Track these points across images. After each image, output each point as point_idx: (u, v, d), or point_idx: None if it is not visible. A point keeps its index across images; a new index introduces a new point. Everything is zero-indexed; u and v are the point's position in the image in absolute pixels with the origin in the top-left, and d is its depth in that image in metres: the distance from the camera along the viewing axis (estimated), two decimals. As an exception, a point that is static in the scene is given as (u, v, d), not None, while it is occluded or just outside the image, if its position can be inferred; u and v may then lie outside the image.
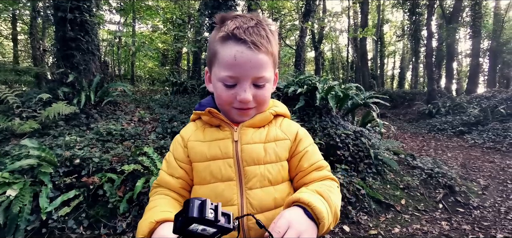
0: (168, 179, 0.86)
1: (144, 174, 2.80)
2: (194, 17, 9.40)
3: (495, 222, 3.24)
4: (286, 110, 0.93)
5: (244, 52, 0.74)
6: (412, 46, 18.58)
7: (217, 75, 0.79)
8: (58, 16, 4.32)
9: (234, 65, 0.75)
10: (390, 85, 24.77)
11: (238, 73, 0.75)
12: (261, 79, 0.78)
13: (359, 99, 5.09)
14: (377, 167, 4.01)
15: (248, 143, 0.82)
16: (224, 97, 0.79)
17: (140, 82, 12.66)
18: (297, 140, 0.88)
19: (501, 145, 7.15)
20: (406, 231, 3.00)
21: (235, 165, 0.80)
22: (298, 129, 0.90)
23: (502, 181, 4.70)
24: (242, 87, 0.77)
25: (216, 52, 0.78)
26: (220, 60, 0.77)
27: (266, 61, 0.77)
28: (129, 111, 4.79)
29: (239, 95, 0.77)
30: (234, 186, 0.79)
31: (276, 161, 0.83)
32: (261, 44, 0.75)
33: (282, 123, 0.90)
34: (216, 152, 0.81)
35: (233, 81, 0.77)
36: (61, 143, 3.08)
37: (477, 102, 11.44)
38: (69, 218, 2.44)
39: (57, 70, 4.39)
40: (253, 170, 0.80)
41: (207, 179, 0.81)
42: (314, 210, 0.67)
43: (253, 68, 0.76)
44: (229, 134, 0.83)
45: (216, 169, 0.80)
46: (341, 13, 17.73)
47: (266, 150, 0.82)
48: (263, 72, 0.77)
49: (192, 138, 0.87)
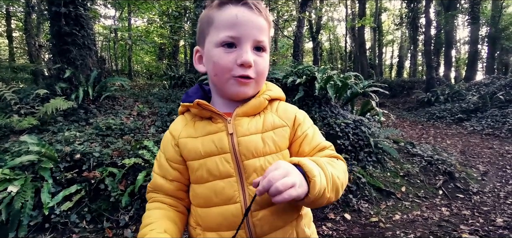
0: (162, 183, 0.82)
1: (145, 167, 2.80)
2: (191, 9, 9.31)
3: (494, 207, 3.27)
4: (280, 93, 0.87)
5: (246, 12, 0.72)
6: (410, 34, 18.51)
7: (214, 40, 0.74)
8: (53, 11, 4.26)
9: (235, 24, 0.72)
10: (389, 74, 24.74)
11: (240, 32, 0.72)
12: (262, 43, 0.75)
13: (358, 88, 5.08)
14: (377, 155, 4.02)
15: (244, 134, 0.75)
16: (223, 62, 0.73)
17: (138, 76, 12.61)
18: (295, 125, 0.82)
19: (500, 131, 7.19)
20: (407, 217, 3.03)
21: (233, 160, 0.74)
22: (296, 112, 0.84)
23: (501, 167, 4.74)
24: (243, 49, 0.72)
25: (211, 19, 0.75)
26: (218, 23, 0.73)
27: (265, 27, 0.76)
28: (127, 105, 4.77)
29: (240, 58, 0.72)
30: (234, 182, 0.74)
31: (276, 151, 0.77)
32: (261, 7, 0.75)
33: (278, 107, 0.83)
34: (211, 148, 0.75)
35: (234, 41, 0.72)
36: (61, 139, 3.07)
37: (476, 89, 11.46)
38: (72, 213, 2.45)
39: (54, 66, 4.35)
40: (252, 164, 0.74)
41: (204, 177, 0.76)
42: (303, 167, 0.63)
43: (255, 29, 0.73)
44: (222, 126, 0.76)
45: (213, 166, 0.75)
46: (339, 3, 17.60)
47: (265, 140, 0.76)
48: (263, 36, 0.75)
49: (183, 134, 0.80)
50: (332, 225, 2.81)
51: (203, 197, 0.77)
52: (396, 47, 25.50)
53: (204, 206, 0.77)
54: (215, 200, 0.75)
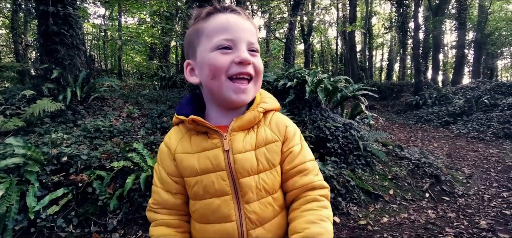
0: (167, 197, 0.81)
1: (134, 171, 2.77)
2: (182, 10, 9.25)
3: (478, 210, 3.36)
4: (275, 104, 0.85)
5: (236, 18, 0.75)
6: (399, 38, 18.80)
7: (209, 46, 0.73)
8: (40, 10, 4.18)
9: (228, 27, 0.73)
10: (379, 77, 25.07)
11: (234, 35, 0.73)
12: (254, 45, 0.76)
13: (348, 91, 5.14)
14: (366, 158, 4.08)
15: (240, 151, 0.75)
16: (220, 63, 0.72)
17: (128, 77, 12.45)
18: (284, 139, 0.81)
19: (484, 135, 7.38)
20: (394, 220, 3.08)
21: (228, 177, 0.74)
22: (288, 126, 0.83)
23: (486, 170, 4.86)
24: (240, 49, 0.73)
25: (200, 30, 0.76)
26: (210, 30, 0.74)
27: (254, 31, 0.78)
28: (117, 107, 4.71)
29: (238, 57, 0.72)
30: (230, 200, 0.74)
31: (270, 167, 0.77)
32: (248, 15, 0.78)
33: (272, 119, 0.82)
34: (207, 165, 0.74)
35: (229, 44, 0.73)
36: (47, 141, 3.01)
37: (462, 93, 11.73)
38: (58, 217, 2.40)
39: (41, 65, 4.26)
40: (248, 182, 0.74)
41: (200, 194, 0.76)
42: None
43: (247, 32, 0.75)
44: (218, 142, 0.75)
45: (208, 184, 0.74)
46: (330, 6, 17.77)
47: (258, 157, 0.76)
48: (254, 38, 0.77)
49: (179, 149, 0.79)
50: (321, 228, 2.83)
51: (200, 213, 0.78)
52: (386, 50, 25.88)
53: (201, 222, 0.78)
54: (211, 217, 0.76)
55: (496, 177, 4.50)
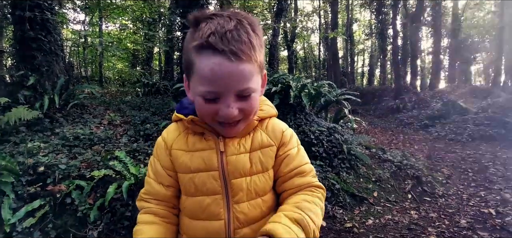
0: (158, 188, 0.81)
1: (116, 179, 2.68)
2: (165, 16, 9.16)
3: (458, 209, 3.47)
4: (272, 111, 0.85)
5: (223, 65, 0.63)
6: (379, 44, 19.36)
7: (196, 89, 0.69)
8: (16, 15, 4.03)
9: (212, 80, 0.65)
10: (361, 82, 25.68)
11: (219, 88, 0.66)
12: (246, 90, 0.68)
13: (331, 96, 5.23)
14: (350, 161, 4.14)
15: (233, 153, 0.76)
16: (205, 112, 0.70)
17: (109, 84, 12.15)
18: (280, 143, 0.82)
19: (461, 137, 7.67)
20: (379, 222, 3.13)
21: (220, 178, 0.76)
22: (284, 131, 0.83)
23: (464, 170, 5.04)
24: (225, 102, 0.67)
25: (192, 63, 0.68)
26: (197, 73, 0.66)
27: (249, 71, 0.66)
28: (98, 114, 4.58)
29: (221, 111, 0.68)
30: (220, 200, 0.76)
31: (263, 171, 0.78)
32: (243, 53, 0.64)
33: (268, 125, 0.83)
34: (200, 164, 0.76)
35: (214, 96, 0.67)
36: (23, 150, 2.87)
37: (439, 97, 12.19)
38: (35, 230, 2.29)
39: (17, 72, 4.09)
40: (239, 183, 0.76)
41: (191, 191, 0.77)
42: None
43: (235, 82, 0.66)
44: (213, 144, 0.76)
45: (200, 182, 0.76)
46: (312, 13, 18.11)
47: (252, 160, 0.77)
48: (247, 84, 0.67)
49: (175, 146, 0.80)
50: (308, 232, 2.84)
51: (190, 209, 0.79)
52: (367, 56, 26.57)
53: (191, 217, 0.79)
54: (201, 215, 0.77)
55: (474, 177, 4.68)
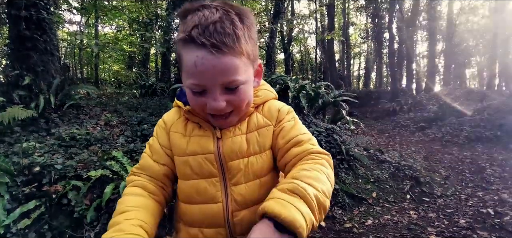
0: (152, 164, 0.81)
1: (113, 180, 2.64)
2: (162, 17, 9.13)
3: (457, 209, 3.47)
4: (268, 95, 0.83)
5: (205, 58, 0.62)
6: (375, 47, 19.51)
7: (185, 82, 0.70)
8: (12, 14, 3.98)
9: (196, 73, 0.64)
10: (357, 85, 25.81)
11: (203, 81, 0.65)
12: (232, 83, 0.66)
13: (329, 98, 5.24)
14: (349, 162, 4.13)
15: (229, 137, 0.76)
16: (194, 105, 0.72)
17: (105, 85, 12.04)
18: (277, 120, 0.80)
19: (458, 138, 7.71)
20: (378, 222, 3.12)
21: (216, 160, 0.75)
22: (280, 108, 0.82)
23: (461, 171, 5.06)
24: (212, 95, 0.67)
25: (180, 56, 0.69)
26: (184, 66, 0.67)
27: (234, 64, 0.64)
28: (94, 114, 4.53)
29: (209, 104, 0.68)
30: (217, 182, 0.75)
31: (260, 151, 0.77)
32: (225, 45, 0.62)
33: (264, 106, 0.82)
34: (195, 148, 0.76)
35: (200, 89, 0.67)
36: (18, 150, 2.82)
37: (435, 100, 12.28)
38: (30, 231, 2.24)
39: (12, 72, 4.03)
40: (236, 165, 0.74)
41: (188, 174, 0.76)
42: (284, 222, 0.54)
43: (219, 75, 0.64)
44: (210, 133, 0.77)
45: (195, 165, 0.75)
46: (309, 16, 18.19)
47: (249, 141, 0.76)
48: (232, 77, 0.65)
49: (173, 128, 0.81)
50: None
51: (186, 193, 0.78)
52: (363, 59, 26.74)
53: (188, 202, 0.78)
54: (197, 198, 0.76)
55: (471, 177, 4.69)
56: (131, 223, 0.68)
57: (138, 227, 0.68)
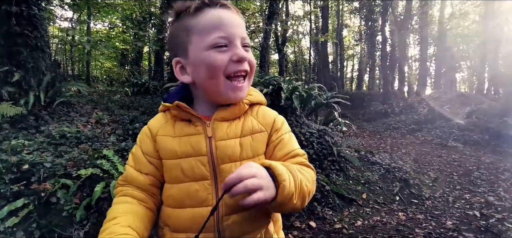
0: (136, 175, 0.80)
1: (103, 178, 2.62)
2: (156, 15, 9.07)
3: (444, 211, 3.54)
4: (261, 98, 0.86)
5: (226, 12, 0.73)
6: (368, 50, 19.71)
7: (203, 45, 0.72)
8: (2, 9, 3.91)
9: (222, 24, 0.72)
10: (350, 86, 26.01)
11: (229, 32, 0.72)
12: (246, 40, 0.76)
13: (322, 99, 5.28)
14: (340, 163, 4.18)
15: (222, 139, 0.75)
16: (218, 62, 0.72)
17: (97, 82, 11.91)
18: (273, 129, 0.82)
19: (447, 141, 7.86)
20: (368, 223, 3.16)
21: (209, 163, 0.74)
22: (275, 117, 0.84)
23: (449, 173, 5.16)
24: (236, 45, 0.73)
25: (192, 26, 0.73)
26: (202, 28, 0.72)
27: (244, 25, 0.77)
28: (85, 112, 4.48)
29: (236, 55, 0.72)
30: (209, 185, 0.74)
31: (253, 156, 0.77)
32: (235, 8, 0.76)
33: (258, 111, 0.83)
34: (188, 149, 0.75)
35: (225, 41, 0.72)
36: (6, 148, 2.78)
37: (426, 103, 12.47)
38: (18, 229, 2.21)
39: (1, 68, 3.96)
40: (228, 168, 0.74)
41: (179, 177, 0.75)
42: (274, 170, 0.64)
43: (239, 27, 0.74)
44: (201, 129, 0.76)
45: (188, 167, 0.74)
46: (303, 17, 18.28)
47: (242, 145, 0.76)
48: (246, 34, 0.76)
49: (161, 132, 0.79)
50: (298, 233, 2.84)
51: (175, 197, 0.76)
52: (356, 61, 26.97)
53: (175, 206, 0.76)
54: (188, 201, 0.74)
55: (459, 180, 4.79)
56: (120, 225, 0.69)
57: (127, 227, 0.69)
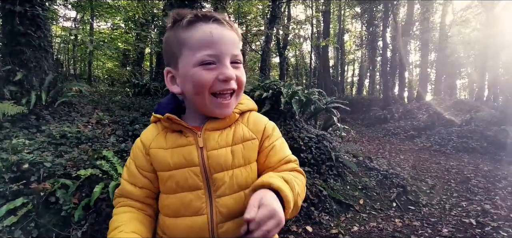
0: (131, 189, 0.82)
1: (102, 179, 2.65)
2: (158, 17, 9.13)
3: (441, 218, 3.55)
4: (252, 105, 0.87)
5: (218, 28, 0.73)
6: (369, 55, 19.75)
7: (192, 60, 0.72)
8: (6, 9, 3.96)
9: (211, 42, 0.72)
10: (350, 91, 26.03)
11: (218, 50, 0.72)
12: (238, 56, 0.76)
13: (321, 104, 5.30)
14: (338, 169, 4.20)
15: (214, 148, 0.76)
16: (205, 80, 0.72)
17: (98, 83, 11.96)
18: (264, 136, 0.83)
19: (445, 148, 7.86)
20: (364, 229, 3.18)
21: (201, 173, 0.76)
22: (266, 124, 0.85)
23: (447, 181, 5.17)
24: (224, 64, 0.73)
25: (182, 41, 0.74)
26: (193, 43, 0.72)
27: (237, 40, 0.77)
28: (86, 112, 4.51)
29: (222, 74, 0.72)
30: (202, 195, 0.75)
31: (245, 164, 0.79)
32: (228, 22, 0.76)
33: (249, 118, 0.84)
34: (180, 160, 0.76)
35: (213, 59, 0.72)
36: (7, 147, 2.81)
37: (426, 109, 12.48)
38: (16, 228, 2.23)
39: (4, 67, 4.00)
40: (221, 177, 0.76)
41: (173, 188, 0.77)
42: (283, 196, 0.66)
43: (230, 44, 0.74)
44: (192, 140, 0.77)
45: (181, 179, 0.76)
46: (305, 21, 18.34)
47: (234, 153, 0.77)
48: (237, 50, 0.76)
49: (153, 145, 0.80)
50: (294, 237, 2.86)
51: (171, 207, 0.78)
52: (357, 66, 27.00)
53: (172, 216, 0.78)
54: (183, 211, 0.76)
55: (456, 187, 4.80)
56: (125, 232, 0.73)
57: (132, 233, 0.73)
